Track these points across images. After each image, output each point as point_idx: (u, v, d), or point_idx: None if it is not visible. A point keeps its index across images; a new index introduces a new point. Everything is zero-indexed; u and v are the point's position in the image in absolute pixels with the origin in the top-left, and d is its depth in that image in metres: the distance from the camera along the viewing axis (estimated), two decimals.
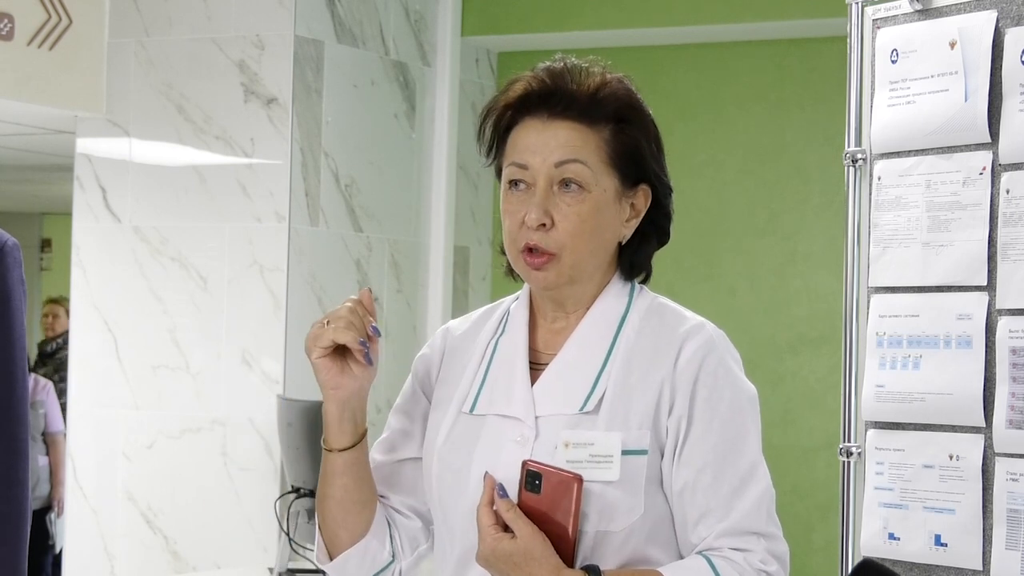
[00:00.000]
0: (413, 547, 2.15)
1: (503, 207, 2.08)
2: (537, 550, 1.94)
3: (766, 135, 5.84)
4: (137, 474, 5.45)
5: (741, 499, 1.99)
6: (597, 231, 2.06)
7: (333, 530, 2.10)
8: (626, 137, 2.08)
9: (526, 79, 2.08)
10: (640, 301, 2.13)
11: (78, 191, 5.63)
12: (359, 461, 2.07)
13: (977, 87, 2.77)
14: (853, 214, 3.00)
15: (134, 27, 5.51)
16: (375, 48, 5.69)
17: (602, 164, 2.06)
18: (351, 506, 2.08)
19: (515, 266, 2.08)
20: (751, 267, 5.83)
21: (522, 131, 2.06)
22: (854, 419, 2.98)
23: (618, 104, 2.09)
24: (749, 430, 2.04)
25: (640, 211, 2.12)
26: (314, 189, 5.40)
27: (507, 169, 2.07)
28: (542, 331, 2.11)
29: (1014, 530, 2.67)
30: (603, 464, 1.98)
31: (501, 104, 2.09)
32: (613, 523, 1.98)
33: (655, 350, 2.05)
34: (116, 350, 5.50)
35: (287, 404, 4.63)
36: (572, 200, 2.03)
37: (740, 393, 2.05)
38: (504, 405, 2.06)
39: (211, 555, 5.30)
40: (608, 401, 2.02)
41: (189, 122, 5.45)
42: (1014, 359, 2.68)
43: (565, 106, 2.05)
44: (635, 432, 2.00)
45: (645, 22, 5.83)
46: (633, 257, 2.15)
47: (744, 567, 1.96)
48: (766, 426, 6.51)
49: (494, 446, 2.03)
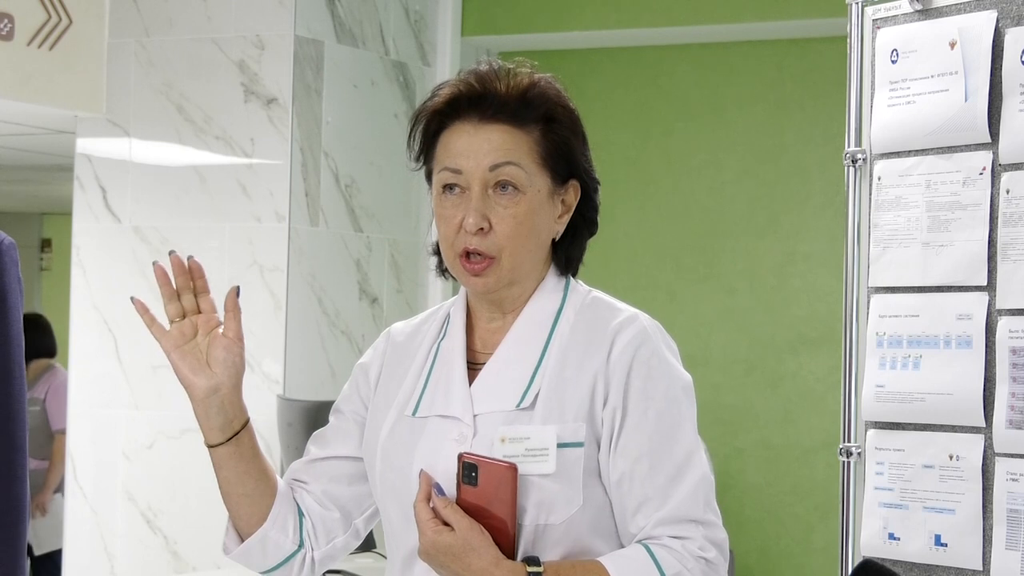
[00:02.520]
0: (329, 538, 2.20)
1: (437, 212, 2.10)
2: (475, 541, 1.97)
3: (766, 135, 5.84)
4: (137, 474, 5.45)
5: (678, 487, 2.01)
6: (534, 231, 2.09)
7: (232, 519, 2.19)
8: (556, 136, 2.11)
9: (454, 83, 2.11)
10: (574, 296, 2.16)
11: (78, 191, 5.63)
12: (237, 455, 2.13)
13: (977, 87, 2.77)
14: (853, 214, 3.00)
15: (134, 27, 5.51)
16: (375, 48, 5.69)
17: (535, 164, 2.08)
18: (238, 499, 2.15)
19: (453, 271, 2.13)
20: (751, 267, 5.83)
21: (453, 135, 2.09)
22: (854, 419, 2.98)
23: (547, 104, 2.11)
24: (684, 418, 2.06)
25: (571, 207, 2.15)
26: (314, 189, 5.40)
27: (440, 174, 2.10)
28: (479, 331, 2.16)
29: (1014, 530, 2.67)
30: (539, 457, 2.01)
31: (430, 109, 2.12)
32: (552, 516, 2.01)
33: (589, 343, 2.08)
34: (116, 350, 5.49)
35: (287, 404, 4.63)
36: (508, 202, 2.07)
37: (674, 382, 2.06)
38: (443, 406, 2.10)
39: (211, 555, 5.29)
40: (544, 396, 2.05)
41: (189, 122, 5.44)
42: (1014, 359, 2.68)
43: (496, 109, 2.07)
44: (570, 425, 2.03)
45: (645, 22, 5.83)
46: (568, 252, 2.18)
47: (682, 554, 1.98)
48: (766, 426, 6.49)
49: (434, 446, 2.07)
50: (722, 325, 5.85)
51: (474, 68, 2.12)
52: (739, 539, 5.71)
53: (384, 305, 5.69)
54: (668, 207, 5.87)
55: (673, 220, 5.85)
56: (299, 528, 2.18)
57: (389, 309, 5.72)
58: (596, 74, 6.09)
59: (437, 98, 2.11)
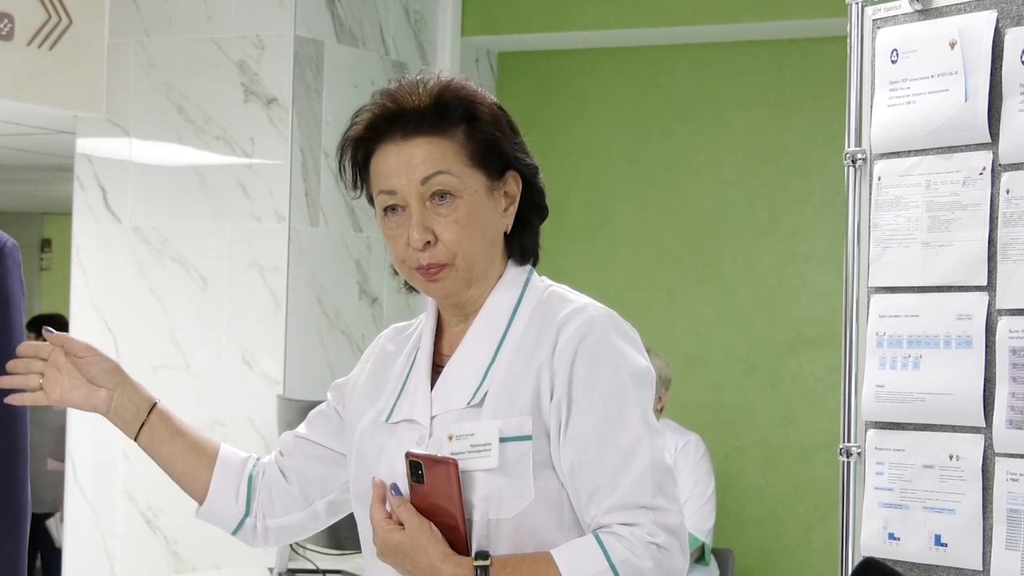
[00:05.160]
0: (284, 510, 2.30)
1: (385, 233, 2.14)
2: (424, 537, 2.00)
3: (766, 135, 5.84)
4: (137, 474, 5.45)
5: (625, 474, 2.01)
6: (480, 231, 2.10)
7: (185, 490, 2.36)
8: (480, 134, 2.12)
9: (369, 107, 2.14)
10: (532, 292, 2.17)
11: (78, 191, 5.63)
12: (156, 440, 2.32)
13: (977, 87, 2.77)
14: (853, 214, 3.00)
15: (134, 27, 5.51)
16: (375, 48, 5.69)
17: (464, 167, 2.10)
18: (178, 477, 2.34)
19: (412, 283, 2.16)
20: (751, 267, 5.83)
21: (380, 158, 2.11)
22: (854, 419, 2.98)
23: (463, 105, 2.12)
24: (630, 405, 2.05)
25: (515, 197, 2.16)
26: (314, 189, 5.40)
27: (378, 198, 2.13)
28: (448, 335, 2.19)
29: (1014, 530, 2.67)
30: (482, 453, 2.04)
31: (352, 137, 2.15)
32: (503, 510, 2.03)
33: (538, 337, 2.09)
34: (116, 350, 5.49)
35: (287, 404, 4.63)
36: (447, 210, 2.08)
37: (620, 370, 2.06)
38: (408, 411, 2.14)
39: (211, 555, 5.30)
40: (492, 392, 2.07)
41: (189, 122, 5.44)
42: (1014, 359, 2.68)
43: (415, 123, 2.10)
44: (516, 419, 2.04)
45: (645, 22, 5.83)
46: (521, 241, 2.18)
47: (632, 541, 1.99)
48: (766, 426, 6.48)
49: (397, 450, 2.10)
50: (722, 325, 5.85)
51: (386, 87, 2.15)
52: (739, 539, 5.71)
53: (384, 305, 5.70)
54: (668, 207, 5.86)
55: (673, 220, 5.85)
56: (247, 496, 2.31)
57: (389, 309, 5.72)
58: (596, 74, 6.09)
59: (357, 125, 2.14)
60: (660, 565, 1.99)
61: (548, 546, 2.03)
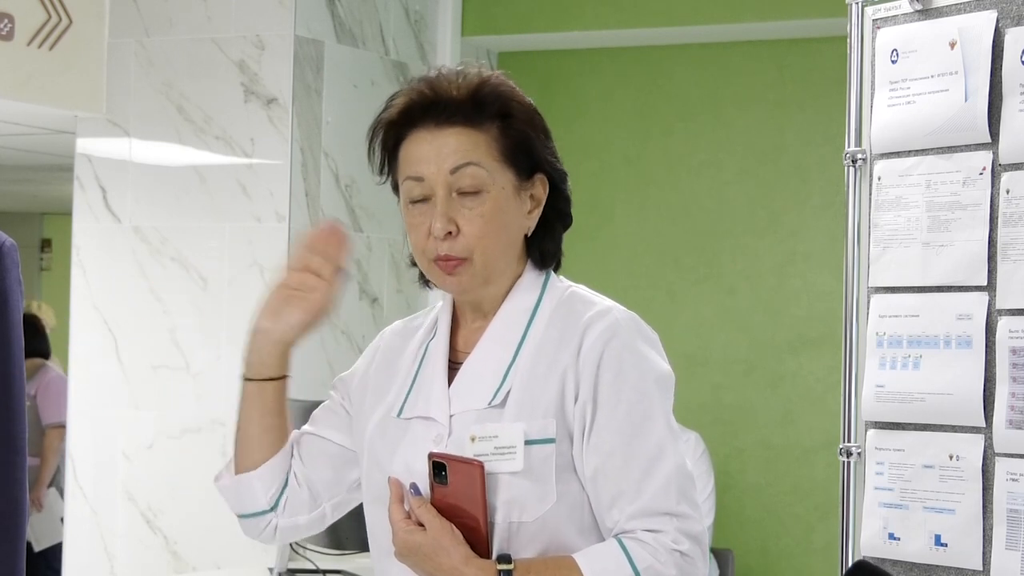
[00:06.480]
0: (293, 512, 2.25)
1: (407, 222, 2.13)
2: (446, 540, 1.99)
3: (766, 135, 5.84)
4: (137, 474, 5.44)
5: (650, 481, 2.00)
6: (503, 229, 2.09)
7: (234, 454, 2.25)
8: (513, 131, 2.11)
9: (406, 92, 2.12)
10: (552, 292, 2.15)
11: (78, 191, 5.62)
12: (258, 399, 2.24)
13: (977, 87, 2.77)
14: (853, 214, 3.00)
15: (134, 27, 5.51)
16: (375, 48, 5.69)
17: (495, 162, 2.08)
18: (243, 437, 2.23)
19: (429, 276, 2.14)
20: (751, 267, 5.83)
21: (412, 144, 2.10)
22: (854, 419, 2.98)
23: (500, 100, 2.11)
24: (656, 411, 2.04)
25: (540, 200, 2.15)
26: (314, 189, 5.40)
27: (404, 184, 2.12)
28: (464, 332, 2.17)
29: (1014, 530, 2.67)
30: (507, 455, 2.02)
31: (385, 121, 2.14)
32: (525, 513, 2.01)
33: (561, 339, 2.08)
34: (116, 350, 5.49)
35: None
36: (473, 203, 2.07)
37: (646, 375, 2.06)
38: (424, 407, 2.12)
39: (211, 555, 5.30)
40: (515, 393, 2.05)
41: (189, 122, 5.44)
42: (1014, 359, 2.68)
43: (450, 112, 2.08)
44: (540, 422, 2.03)
45: (645, 22, 5.83)
46: (542, 246, 2.17)
47: (656, 548, 1.98)
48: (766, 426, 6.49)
49: (414, 447, 2.09)
50: (722, 325, 5.85)
51: (425, 75, 2.13)
52: (739, 539, 5.71)
53: (384, 305, 5.69)
54: (668, 207, 5.86)
55: (673, 220, 5.85)
56: (279, 494, 2.24)
57: (389, 309, 5.72)
58: (596, 74, 6.09)
59: (391, 109, 2.13)
60: (683, 572, 1.98)
61: (568, 549, 2.02)
